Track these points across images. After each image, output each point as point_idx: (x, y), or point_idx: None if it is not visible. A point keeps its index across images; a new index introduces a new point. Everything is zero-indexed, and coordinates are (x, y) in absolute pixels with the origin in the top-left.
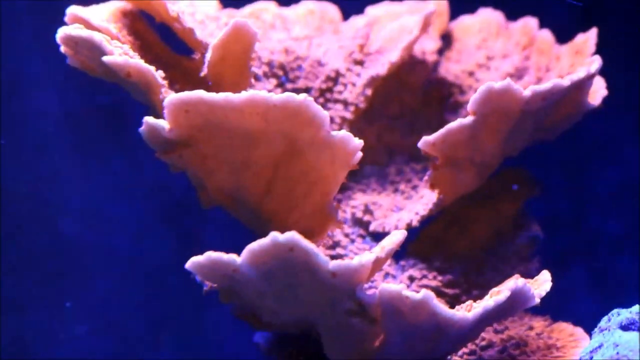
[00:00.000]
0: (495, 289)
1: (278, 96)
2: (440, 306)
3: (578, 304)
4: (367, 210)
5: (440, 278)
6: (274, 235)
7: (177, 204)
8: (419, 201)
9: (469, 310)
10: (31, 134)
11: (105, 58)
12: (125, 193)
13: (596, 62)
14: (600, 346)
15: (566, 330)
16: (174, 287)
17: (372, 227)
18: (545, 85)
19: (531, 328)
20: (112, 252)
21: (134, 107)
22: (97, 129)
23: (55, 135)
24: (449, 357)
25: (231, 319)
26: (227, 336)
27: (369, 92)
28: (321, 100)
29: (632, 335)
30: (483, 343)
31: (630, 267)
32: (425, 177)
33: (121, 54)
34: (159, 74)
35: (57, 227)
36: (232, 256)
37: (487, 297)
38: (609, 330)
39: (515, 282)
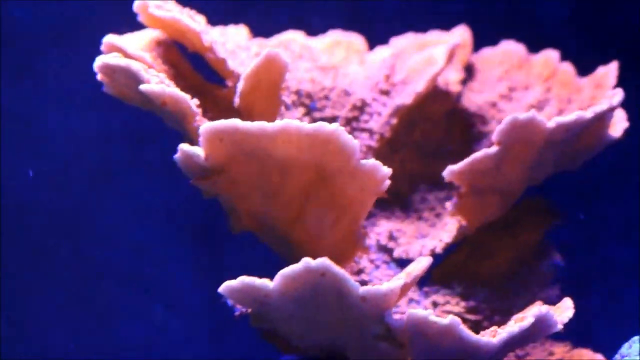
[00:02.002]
0: (519, 315)
1: (310, 125)
2: (467, 331)
3: (595, 330)
4: (391, 237)
5: (463, 304)
6: (307, 261)
7: (199, 226)
8: (443, 228)
9: (493, 336)
10: (53, 158)
11: (142, 86)
12: (148, 215)
13: (618, 95)
14: None
15: (586, 357)
16: (196, 310)
17: (396, 254)
18: (569, 117)
19: (552, 354)
20: (134, 275)
21: (155, 130)
22: (118, 151)
23: (77, 158)
24: None
25: (254, 339)
26: (251, 357)
27: (394, 121)
28: (347, 128)
29: None
30: None
31: None
32: (449, 205)
33: (157, 82)
34: (194, 103)
35: (80, 250)
36: (265, 281)
37: (511, 323)
38: (630, 356)
39: (539, 308)
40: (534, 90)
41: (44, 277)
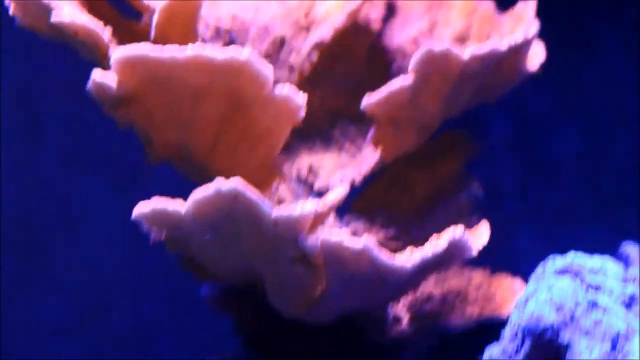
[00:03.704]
0: (434, 237)
1: (223, 53)
2: (380, 254)
3: (521, 266)
4: (311, 170)
5: (382, 233)
6: (218, 183)
7: (127, 172)
8: (362, 160)
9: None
10: None
11: (53, 17)
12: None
13: (533, 27)
14: (535, 291)
15: (505, 282)
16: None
17: (316, 186)
18: (483, 48)
19: (471, 280)
20: (67, 225)
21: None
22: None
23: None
24: (390, 308)
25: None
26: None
27: (314, 57)
28: None
29: (565, 279)
30: (423, 296)
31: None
32: (368, 137)
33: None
34: (107, 31)
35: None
36: (177, 205)
37: (426, 245)
38: (544, 276)
39: (453, 231)
40: (454, 26)
41: None
